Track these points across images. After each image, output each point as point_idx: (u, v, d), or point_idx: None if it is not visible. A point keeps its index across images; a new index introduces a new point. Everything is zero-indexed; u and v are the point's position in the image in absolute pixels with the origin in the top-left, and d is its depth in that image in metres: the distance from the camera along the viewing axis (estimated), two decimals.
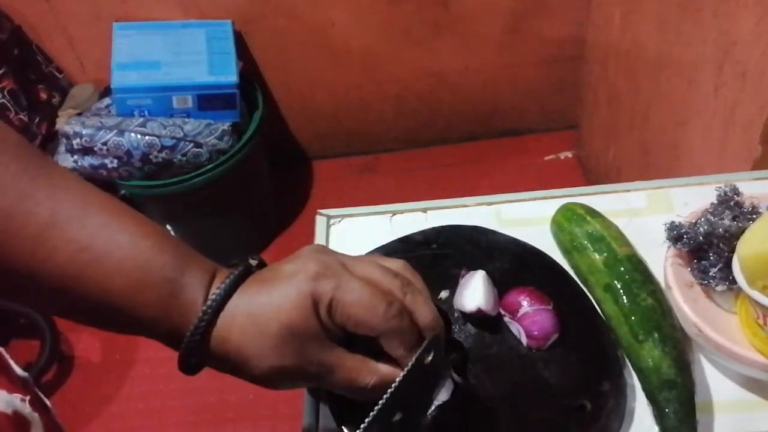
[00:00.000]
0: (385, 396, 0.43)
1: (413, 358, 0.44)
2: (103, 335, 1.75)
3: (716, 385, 0.59)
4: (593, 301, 0.63)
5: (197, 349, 0.43)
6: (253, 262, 0.46)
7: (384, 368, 0.45)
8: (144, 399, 1.63)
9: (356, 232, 0.73)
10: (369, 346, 0.45)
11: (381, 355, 0.45)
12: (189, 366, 0.45)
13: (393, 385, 0.43)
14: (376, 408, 0.42)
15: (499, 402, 0.56)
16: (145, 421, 1.60)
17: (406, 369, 0.44)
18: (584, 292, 0.64)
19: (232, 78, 1.59)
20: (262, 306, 0.42)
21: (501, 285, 0.61)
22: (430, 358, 0.45)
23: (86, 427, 1.61)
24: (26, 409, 0.40)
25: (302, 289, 0.42)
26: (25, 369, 1.46)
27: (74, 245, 0.40)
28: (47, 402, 0.46)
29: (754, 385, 0.59)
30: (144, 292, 0.41)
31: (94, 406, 1.64)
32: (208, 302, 0.42)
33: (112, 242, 0.41)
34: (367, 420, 0.41)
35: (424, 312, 0.46)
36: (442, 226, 0.69)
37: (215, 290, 0.43)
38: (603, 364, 0.58)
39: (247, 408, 1.58)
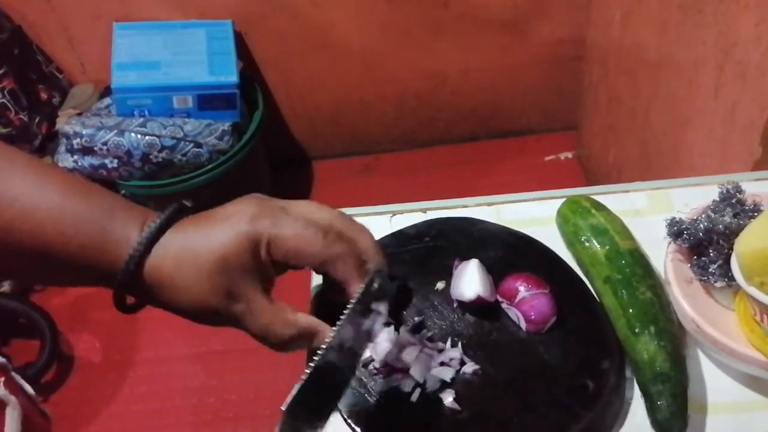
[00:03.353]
0: (337, 323, 0.45)
1: (362, 287, 0.47)
2: (104, 335, 1.75)
3: (714, 381, 0.59)
4: (590, 287, 0.64)
5: (132, 280, 0.44)
6: (188, 204, 0.48)
7: (302, 320, 0.46)
8: (144, 399, 1.63)
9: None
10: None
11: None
12: (123, 301, 0.46)
13: (346, 311, 0.46)
14: (330, 334, 0.45)
15: (503, 387, 0.57)
16: (145, 422, 1.60)
17: (355, 296, 0.47)
18: (578, 275, 0.65)
19: (232, 78, 1.59)
20: (199, 240, 0.44)
21: (495, 273, 0.62)
22: (376, 285, 0.49)
23: (86, 427, 1.61)
24: (0, 390, 0.41)
25: (240, 229, 0.44)
26: (25, 369, 1.46)
27: (1, 201, 0.42)
28: (28, 388, 0.48)
29: (752, 383, 0.59)
30: (77, 237, 0.43)
31: (94, 406, 1.64)
32: (143, 234, 0.44)
33: (39, 195, 0.43)
34: (320, 351, 0.44)
35: (363, 236, 0.48)
36: (434, 219, 0.70)
37: (149, 225, 0.44)
38: (601, 343, 0.59)
39: (247, 408, 1.58)
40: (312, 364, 0.43)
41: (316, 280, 0.67)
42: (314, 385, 0.43)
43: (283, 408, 0.42)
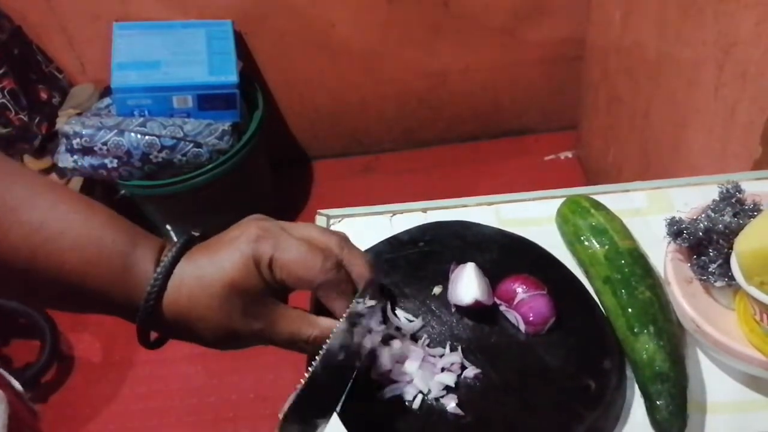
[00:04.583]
0: (330, 337, 0.47)
1: (353, 303, 0.49)
2: (104, 335, 1.75)
3: (713, 381, 0.59)
4: (588, 288, 0.64)
5: (152, 315, 0.45)
6: (196, 234, 0.49)
7: (324, 321, 0.48)
8: (144, 399, 1.63)
9: (356, 232, 0.73)
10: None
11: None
12: (147, 337, 0.47)
13: (337, 326, 0.48)
14: (323, 348, 0.46)
15: (505, 390, 0.57)
16: (145, 421, 1.60)
17: (347, 311, 0.48)
18: (575, 275, 0.65)
19: (232, 78, 1.59)
20: (207, 268, 0.45)
21: (492, 275, 0.62)
22: (365, 304, 0.50)
23: (86, 427, 1.61)
24: None
25: (244, 250, 0.45)
26: (24, 369, 1.47)
27: (27, 227, 0.42)
28: (16, 384, 0.49)
29: (752, 383, 0.59)
30: (98, 267, 0.43)
31: (94, 406, 1.64)
32: (158, 269, 0.45)
33: (64, 222, 0.43)
34: (315, 361, 0.46)
35: (359, 262, 0.50)
36: (428, 224, 0.70)
37: (164, 259, 0.45)
38: (601, 343, 0.59)
39: (247, 408, 1.58)
40: (307, 375, 0.45)
41: None
42: (310, 394, 0.45)
43: (280, 415, 0.43)
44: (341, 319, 0.48)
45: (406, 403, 0.56)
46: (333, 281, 0.48)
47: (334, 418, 0.56)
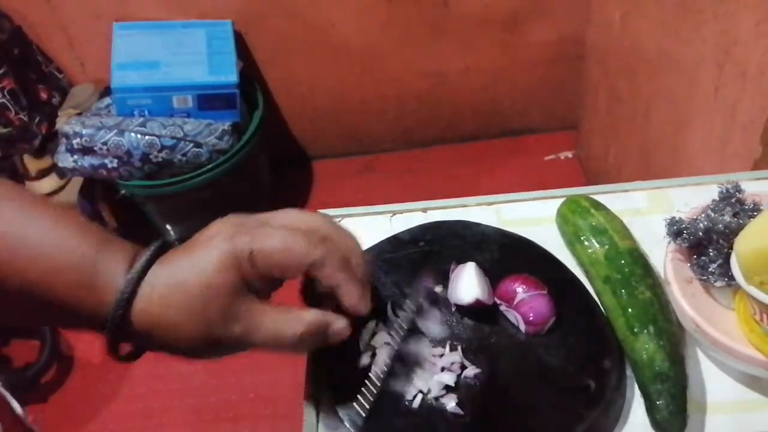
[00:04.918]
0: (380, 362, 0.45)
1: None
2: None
3: (713, 381, 0.59)
4: (588, 288, 0.64)
5: (122, 325, 0.42)
6: (171, 240, 0.46)
7: (309, 315, 0.45)
8: (144, 399, 1.63)
9: (356, 232, 0.73)
10: None
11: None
12: (117, 348, 0.44)
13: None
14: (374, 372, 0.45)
15: (504, 390, 0.57)
16: (145, 421, 1.60)
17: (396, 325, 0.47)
18: (574, 275, 0.65)
19: (232, 78, 1.59)
20: (183, 271, 0.43)
21: (492, 275, 0.62)
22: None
23: (86, 427, 1.61)
24: None
25: (221, 248, 0.43)
26: (25, 369, 1.47)
27: None
28: (16, 407, 0.47)
29: (752, 383, 0.59)
30: (63, 274, 0.41)
31: (94, 406, 1.64)
32: (129, 276, 0.42)
33: (27, 229, 0.41)
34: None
35: (347, 239, 0.48)
36: (429, 223, 0.70)
37: (135, 265, 0.43)
38: (601, 342, 0.59)
39: (246, 408, 1.58)
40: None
41: None
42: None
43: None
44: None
45: (406, 403, 0.56)
46: (323, 257, 0.44)
47: (328, 412, 0.56)
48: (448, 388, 0.56)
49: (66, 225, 0.43)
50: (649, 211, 0.71)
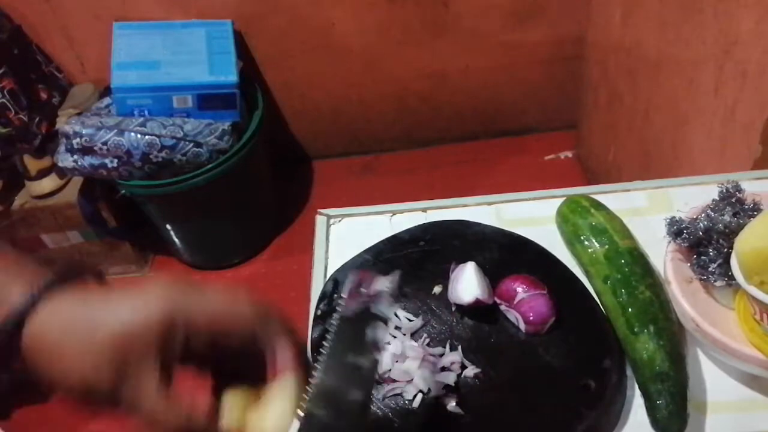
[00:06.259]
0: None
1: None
2: None
3: (713, 380, 0.59)
4: (588, 288, 0.64)
5: (10, 343, 0.39)
6: (87, 271, 0.43)
7: (184, 404, 0.41)
8: None
9: (356, 231, 0.73)
10: None
11: None
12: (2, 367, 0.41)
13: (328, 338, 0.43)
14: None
15: (505, 389, 0.57)
16: None
17: (335, 320, 0.44)
18: (574, 275, 0.65)
19: (232, 78, 1.59)
20: (100, 311, 0.40)
21: (492, 275, 0.62)
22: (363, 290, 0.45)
23: (86, 426, 1.60)
24: None
25: (152, 307, 0.40)
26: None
27: None
28: None
29: (752, 383, 0.59)
30: None
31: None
32: (31, 291, 0.39)
33: None
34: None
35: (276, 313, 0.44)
36: (428, 223, 0.70)
37: (39, 283, 0.40)
38: (601, 342, 0.59)
39: None
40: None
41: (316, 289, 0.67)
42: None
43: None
44: (334, 320, 0.44)
45: (406, 403, 0.56)
46: (269, 320, 0.43)
47: None
48: (448, 388, 0.56)
49: None
50: (649, 211, 0.71)
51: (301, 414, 0.41)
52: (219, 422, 0.42)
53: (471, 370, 0.57)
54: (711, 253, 0.58)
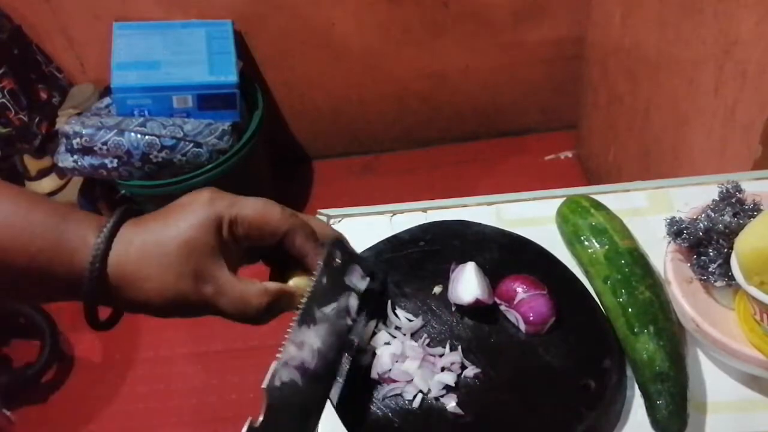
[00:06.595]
0: (306, 291, 0.48)
1: (323, 255, 0.50)
2: (104, 335, 1.75)
3: (713, 381, 0.59)
4: (588, 288, 0.64)
5: (98, 282, 0.44)
6: (136, 207, 0.48)
7: (272, 286, 0.48)
8: (144, 399, 1.63)
9: (356, 232, 0.73)
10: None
11: None
12: (95, 311, 0.46)
13: (312, 281, 0.49)
14: (301, 302, 0.47)
15: (505, 390, 0.57)
16: (145, 421, 1.60)
17: (318, 267, 0.49)
18: (574, 275, 0.65)
19: (232, 78, 1.59)
20: (160, 230, 0.45)
21: (492, 275, 0.62)
22: (338, 259, 0.52)
23: (86, 427, 1.61)
24: None
25: (200, 212, 0.46)
26: (25, 369, 1.47)
27: None
28: None
29: (752, 383, 0.59)
30: (33, 242, 0.43)
31: (94, 406, 1.64)
32: (102, 233, 0.44)
33: None
34: (295, 317, 0.47)
35: (315, 221, 0.52)
36: (429, 223, 0.70)
37: (106, 224, 0.45)
38: (601, 342, 0.59)
39: (247, 408, 1.58)
40: (287, 337, 0.46)
41: None
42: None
43: (263, 386, 0.44)
44: (318, 266, 0.49)
45: (406, 403, 0.56)
46: (295, 225, 0.49)
47: (334, 418, 0.56)
48: (448, 388, 0.56)
49: (28, 197, 0.44)
50: (649, 211, 0.71)
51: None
52: (296, 295, 0.49)
53: (471, 371, 0.57)
54: (711, 254, 0.58)
